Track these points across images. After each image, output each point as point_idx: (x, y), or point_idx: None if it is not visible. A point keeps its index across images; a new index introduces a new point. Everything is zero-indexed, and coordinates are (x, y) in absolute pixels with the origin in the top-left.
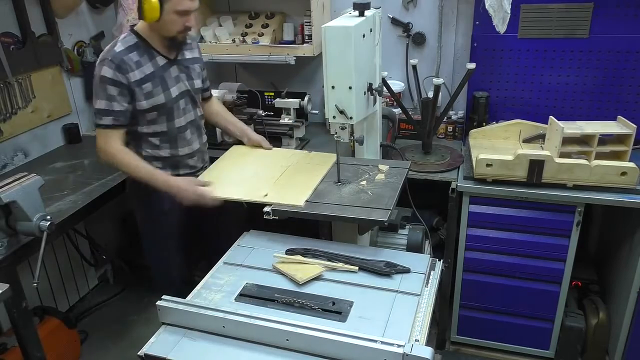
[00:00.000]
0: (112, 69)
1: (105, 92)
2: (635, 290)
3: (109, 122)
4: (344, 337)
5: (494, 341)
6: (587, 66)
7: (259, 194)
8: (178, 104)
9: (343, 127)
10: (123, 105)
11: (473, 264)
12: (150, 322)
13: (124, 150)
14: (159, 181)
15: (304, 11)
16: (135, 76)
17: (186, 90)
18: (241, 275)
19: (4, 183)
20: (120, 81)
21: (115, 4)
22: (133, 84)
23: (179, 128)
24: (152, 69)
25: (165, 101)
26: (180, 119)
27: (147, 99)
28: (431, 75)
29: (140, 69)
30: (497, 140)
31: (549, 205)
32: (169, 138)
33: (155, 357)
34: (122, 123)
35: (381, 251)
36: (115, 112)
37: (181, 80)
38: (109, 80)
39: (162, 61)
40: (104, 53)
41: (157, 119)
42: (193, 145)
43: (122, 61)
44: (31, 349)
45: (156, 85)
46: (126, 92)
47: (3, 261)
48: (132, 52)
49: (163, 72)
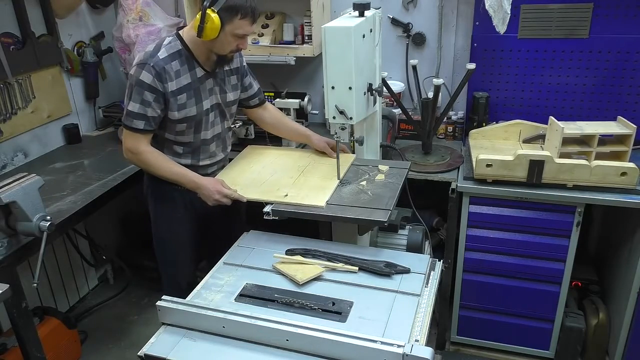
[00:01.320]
0: (151, 75)
1: (140, 96)
2: (635, 291)
3: (141, 126)
4: (344, 337)
5: (494, 341)
6: (587, 66)
7: (279, 194)
8: (208, 116)
9: (343, 128)
10: (157, 112)
11: (473, 264)
12: (150, 322)
13: (153, 151)
14: (189, 182)
15: (304, 11)
16: (173, 86)
17: (217, 103)
18: (241, 276)
19: (4, 183)
20: (158, 88)
21: (115, 4)
22: (169, 94)
23: (204, 140)
24: (189, 80)
25: (196, 113)
26: (207, 132)
27: (180, 110)
28: (431, 76)
29: (178, 80)
30: (497, 140)
31: (549, 206)
32: (192, 149)
33: (155, 357)
34: (153, 128)
35: (381, 251)
36: (149, 117)
37: (214, 93)
38: (146, 86)
39: (200, 73)
40: (146, 56)
41: (186, 130)
42: (216, 157)
43: (163, 70)
44: (31, 349)
45: (190, 97)
46: (161, 99)
47: (3, 261)
48: (174, 61)
49: (199, 84)
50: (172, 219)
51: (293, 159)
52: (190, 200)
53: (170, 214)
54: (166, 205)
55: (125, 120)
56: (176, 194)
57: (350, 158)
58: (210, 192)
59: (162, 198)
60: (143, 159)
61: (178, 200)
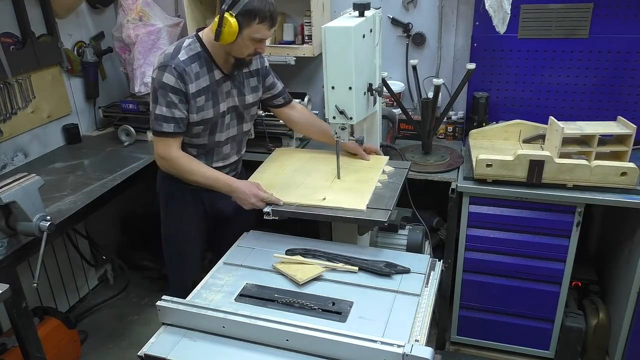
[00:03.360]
0: (174, 77)
1: (165, 98)
2: (635, 290)
3: (171, 129)
4: (344, 337)
5: (494, 341)
6: (587, 66)
7: (317, 197)
8: (224, 119)
9: (343, 128)
10: (184, 113)
11: (473, 264)
12: (150, 322)
13: (185, 156)
14: (223, 185)
15: (304, 11)
16: (193, 88)
17: (234, 105)
18: (241, 276)
19: (4, 183)
20: (181, 89)
21: (115, 4)
22: (190, 95)
23: (218, 142)
24: (208, 82)
25: (213, 116)
26: (222, 134)
27: (198, 112)
28: (431, 76)
29: (198, 82)
30: (497, 140)
31: (549, 206)
32: (206, 151)
33: (155, 357)
34: (182, 130)
35: (381, 251)
36: (177, 119)
37: (231, 96)
38: (170, 88)
39: (218, 75)
40: (166, 58)
41: (201, 132)
42: (229, 159)
43: (184, 71)
44: (31, 349)
45: (208, 100)
46: (185, 100)
47: (3, 261)
48: (194, 63)
49: (217, 87)
50: (182, 218)
51: (325, 161)
52: (201, 199)
53: (181, 212)
54: (177, 203)
55: (154, 126)
56: (187, 193)
57: (383, 161)
58: (246, 195)
59: (173, 196)
60: (176, 165)
61: (189, 199)
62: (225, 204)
